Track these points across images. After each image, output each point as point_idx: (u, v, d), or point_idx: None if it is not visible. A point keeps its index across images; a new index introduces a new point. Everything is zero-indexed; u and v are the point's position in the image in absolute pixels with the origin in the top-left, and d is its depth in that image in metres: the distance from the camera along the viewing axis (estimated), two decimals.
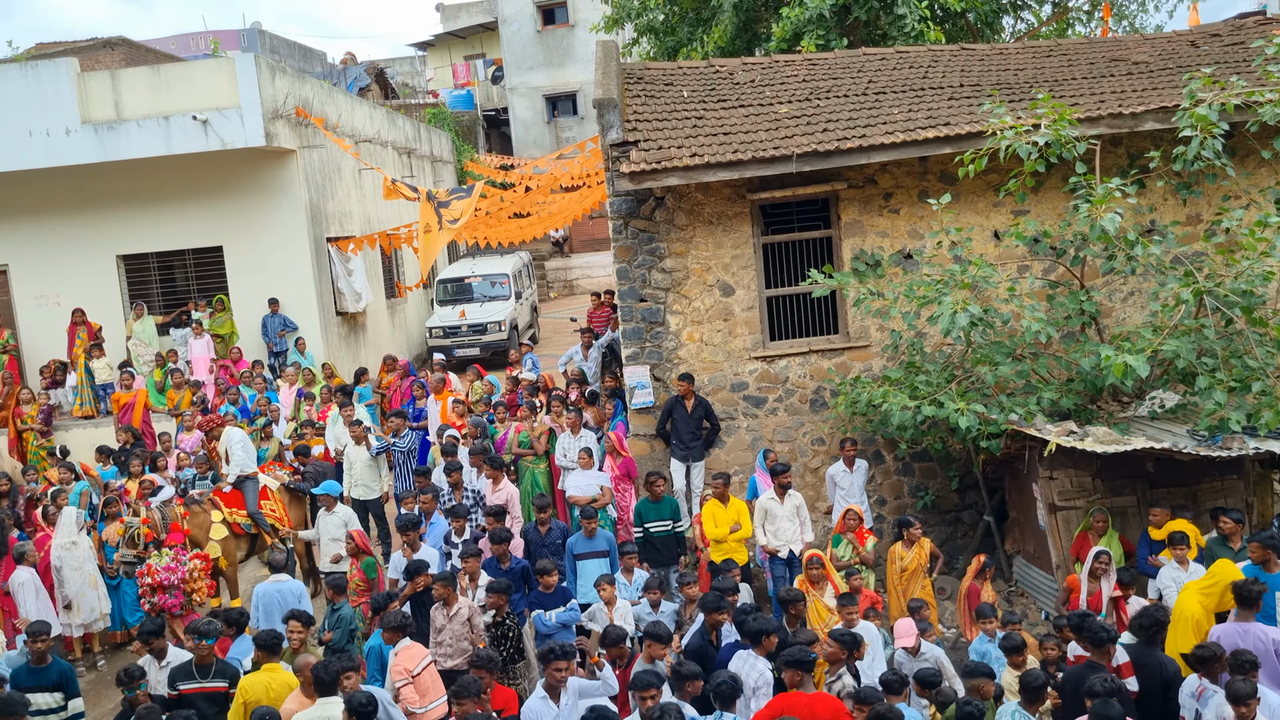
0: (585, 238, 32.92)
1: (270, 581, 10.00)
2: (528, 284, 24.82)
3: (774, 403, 12.38)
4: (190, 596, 10.64)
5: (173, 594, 10.53)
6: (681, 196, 12.09)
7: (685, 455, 12.19)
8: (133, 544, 11.08)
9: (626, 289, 12.28)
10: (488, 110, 37.96)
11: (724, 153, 11.49)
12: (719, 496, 10.77)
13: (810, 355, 12.33)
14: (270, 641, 8.11)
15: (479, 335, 21.47)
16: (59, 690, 8.44)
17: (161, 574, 10.51)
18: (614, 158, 11.88)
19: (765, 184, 11.93)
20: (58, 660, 8.65)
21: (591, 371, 15.35)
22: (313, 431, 14.11)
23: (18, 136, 15.80)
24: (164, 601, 10.52)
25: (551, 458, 12.74)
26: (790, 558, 10.68)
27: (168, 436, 14.30)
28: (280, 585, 9.90)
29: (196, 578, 10.75)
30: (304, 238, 17.42)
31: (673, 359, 12.34)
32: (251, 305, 17.30)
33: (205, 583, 10.96)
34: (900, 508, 12.30)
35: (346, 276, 18.61)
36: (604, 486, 11.69)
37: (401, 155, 23.95)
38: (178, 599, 10.54)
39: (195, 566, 10.74)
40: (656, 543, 10.92)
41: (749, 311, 12.27)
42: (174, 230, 17.36)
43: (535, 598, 9.48)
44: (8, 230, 17.19)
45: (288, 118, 16.90)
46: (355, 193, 20.37)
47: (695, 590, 9.37)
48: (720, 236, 12.17)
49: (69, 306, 16.78)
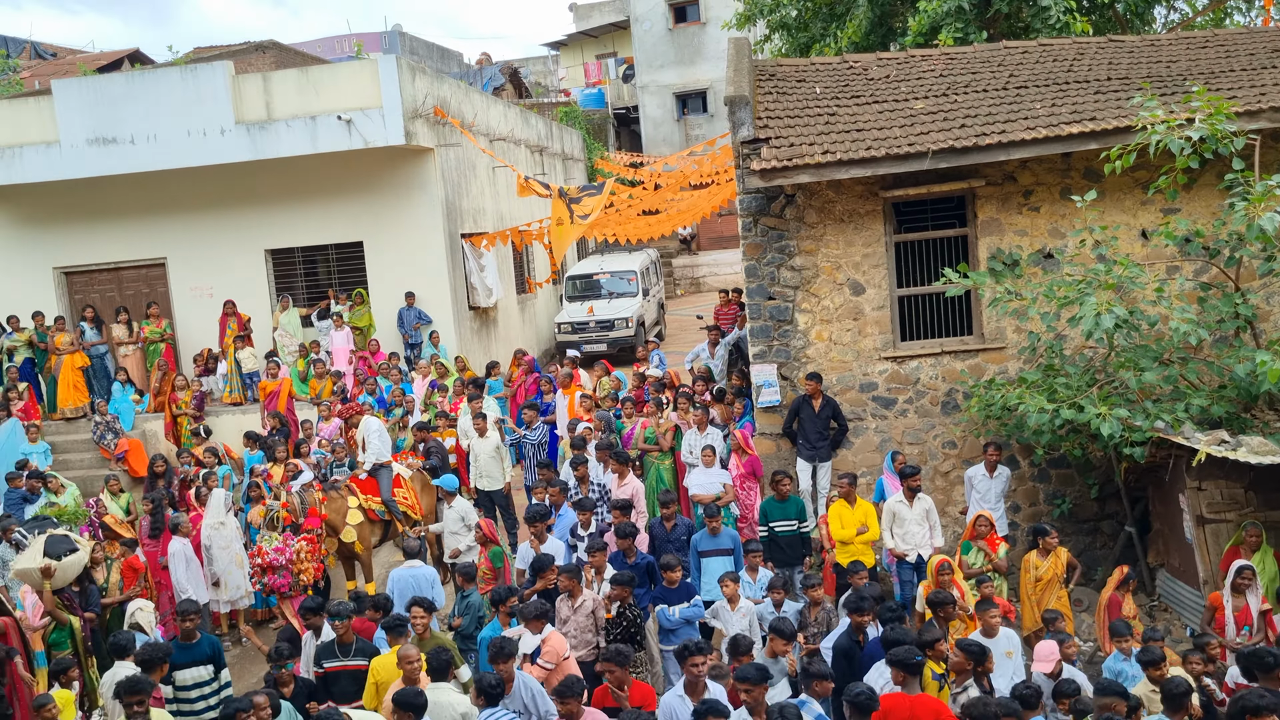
0: (713, 235, 32.89)
1: (405, 567, 10.31)
2: (655, 281, 24.94)
3: (904, 404, 12.15)
4: (298, 577, 10.94)
5: (281, 574, 10.83)
6: (812, 194, 11.97)
7: (812, 455, 12.07)
8: (272, 526, 11.53)
9: (755, 287, 12.22)
10: (618, 108, 38.30)
11: (857, 149, 11.32)
12: (845, 497, 10.63)
13: (943, 356, 12.05)
14: (395, 624, 8.39)
15: (606, 331, 21.67)
16: (211, 664, 8.77)
17: (270, 555, 10.83)
18: (745, 155, 11.84)
19: (899, 181, 11.71)
20: (206, 635, 9.02)
21: (718, 369, 15.34)
22: (445, 423, 14.48)
23: (177, 136, 16.67)
24: (273, 581, 10.84)
25: (677, 454, 12.78)
26: (918, 562, 10.47)
27: (309, 424, 14.91)
28: (414, 571, 10.20)
29: (303, 559, 11.03)
30: (440, 234, 17.89)
31: (800, 358, 12.23)
32: (389, 299, 17.86)
33: (312, 564, 11.24)
34: (1035, 515, 11.92)
35: (479, 272, 19.03)
36: (726, 485, 11.66)
37: (534, 153, 24.36)
38: (286, 579, 10.85)
39: (302, 548, 11.04)
40: (781, 542, 10.84)
41: (880, 311, 12.07)
42: (318, 226, 18.05)
43: (659, 593, 9.53)
44: (167, 225, 18.15)
45: (426, 117, 17.38)
46: (489, 190, 20.82)
47: (820, 592, 9.28)
48: (851, 234, 12.00)
49: (221, 298, 17.62)
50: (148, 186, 17.63)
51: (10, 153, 17.04)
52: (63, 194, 17.85)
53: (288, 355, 17.00)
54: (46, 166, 17.04)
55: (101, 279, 18.68)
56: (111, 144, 16.76)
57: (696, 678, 7.36)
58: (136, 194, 17.80)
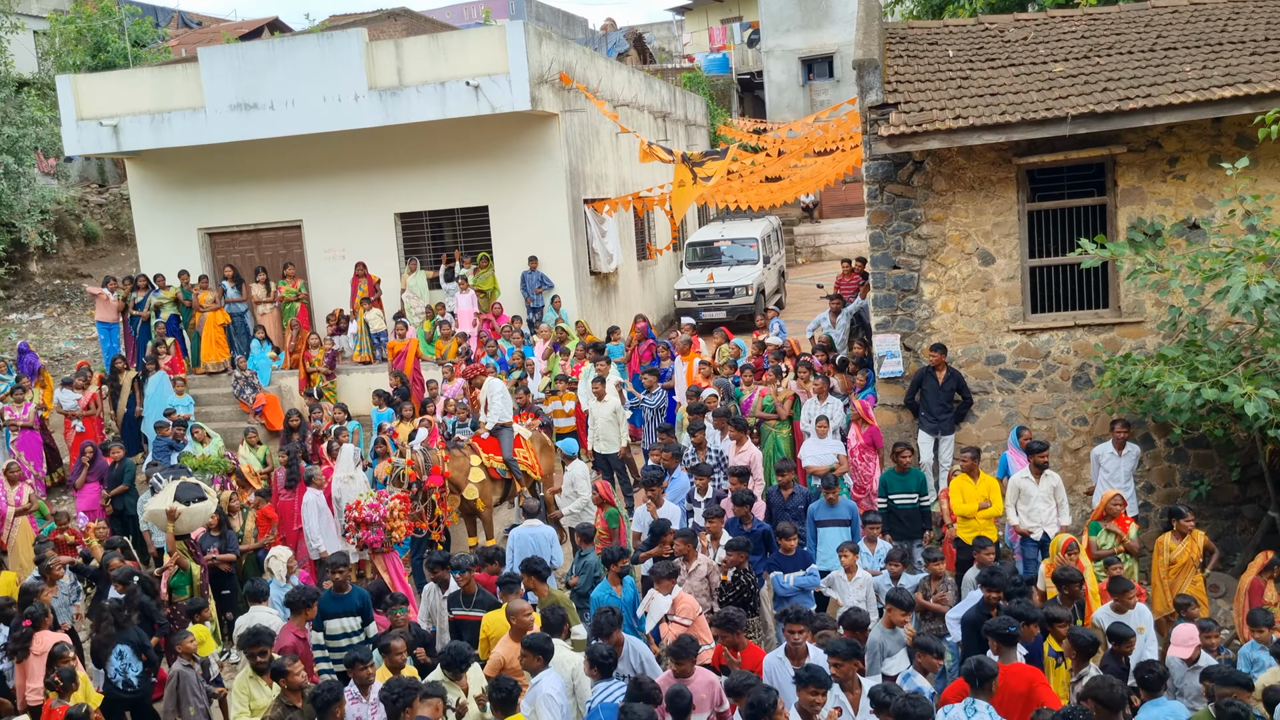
0: (836, 203, 32.34)
1: (524, 526, 10.53)
2: (776, 249, 24.70)
3: (1033, 378, 11.80)
4: (390, 534, 11.14)
5: (374, 530, 11.05)
6: (942, 161, 11.65)
7: (934, 428, 11.84)
8: (398, 483, 11.87)
9: (879, 255, 11.99)
10: (742, 74, 37.88)
11: (991, 114, 10.96)
12: (969, 471, 10.41)
13: (1075, 329, 11.64)
14: (508, 581, 8.59)
15: (726, 299, 21.58)
16: (359, 615, 9.03)
17: (365, 511, 11.07)
18: (872, 120, 11.59)
19: (1034, 148, 11.30)
20: (357, 588, 9.29)
21: (839, 338, 15.15)
22: (565, 386, 14.68)
23: (313, 102, 17.19)
24: (366, 537, 11.03)
25: (795, 423, 12.70)
26: (1043, 540, 10.19)
27: (434, 384, 15.31)
28: (534, 530, 10.40)
29: (396, 516, 11.19)
30: (563, 199, 18.07)
31: (925, 328, 11.98)
32: (512, 263, 18.15)
33: (405, 522, 11.41)
34: (1170, 496, 11.46)
35: (601, 237, 19.16)
36: (840, 455, 11.54)
37: (657, 119, 24.32)
38: (379, 535, 11.06)
39: (394, 506, 11.23)
40: (900, 515, 10.68)
41: (1009, 282, 11.71)
42: (445, 190, 18.43)
43: (775, 560, 9.52)
44: (302, 189, 18.78)
45: (552, 83, 17.51)
46: (612, 156, 20.90)
47: (941, 566, 9.13)
48: (982, 202, 11.65)
49: (353, 260, 18.18)
50: (286, 151, 18.26)
51: (159, 118, 17.85)
52: (207, 158, 18.62)
53: (415, 317, 17.45)
54: (192, 131, 17.79)
55: (242, 240, 19.47)
56: (253, 109, 17.40)
57: (795, 644, 7.45)
58: (275, 158, 18.46)
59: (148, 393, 15.89)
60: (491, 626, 8.43)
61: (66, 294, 23.85)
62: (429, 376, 15.98)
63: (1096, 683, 6.44)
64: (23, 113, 22.54)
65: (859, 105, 12.04)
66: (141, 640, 9.35)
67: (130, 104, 18.06)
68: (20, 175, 21.61)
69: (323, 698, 6.85)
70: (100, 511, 12.83)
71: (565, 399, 14.48)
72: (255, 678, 8.05)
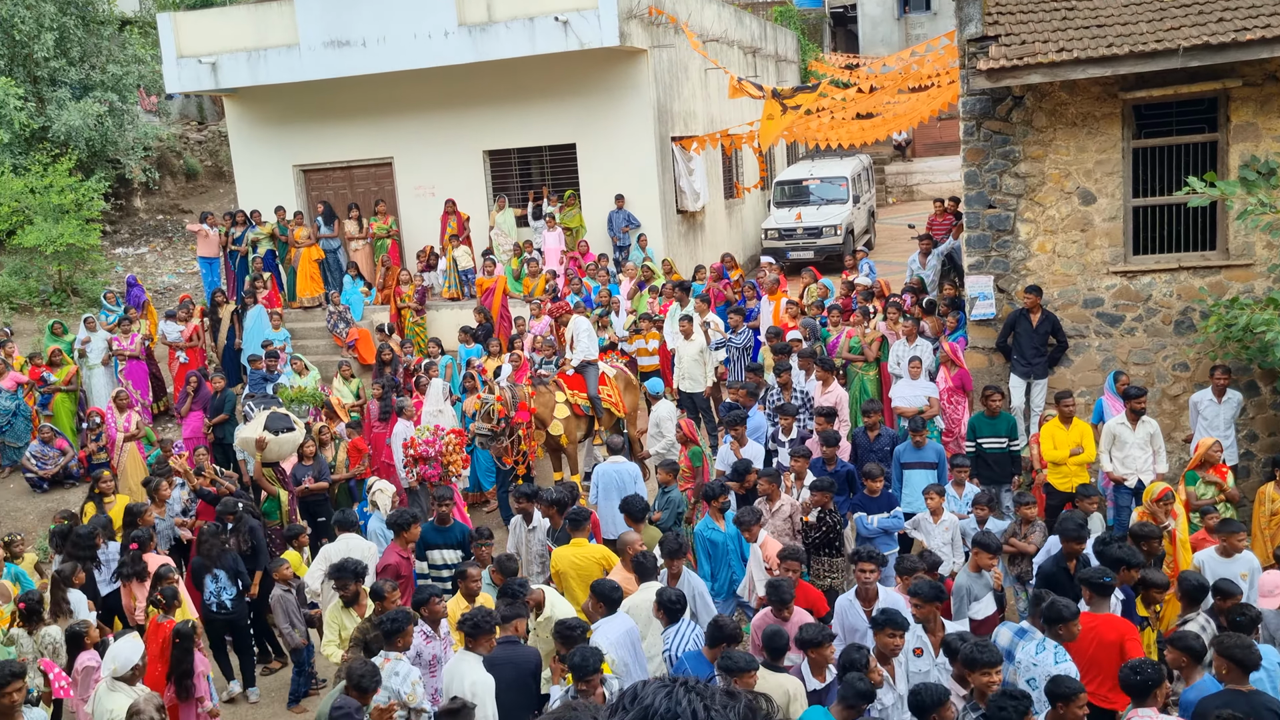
0: (929, 141, 31.51)
1: (609, 462, 10.65)
2: (866, 188, 24.22)
3: (1132, 321, 11.44)
4: (447, 468, 11.33)
5: (431, 465, 11.25)
6: (1043, 96, 11.25)
7: (1026, 371, 11.59)
8: (488, 418, 12.06)
9: (974, 194, 11.69)
10: (835, 7, 36.89)
11: (1097, 47, 10.52)
12: (1062, 417, 10.19)
13: (1180, 272, 11.23)
14: (577, 517, 8.71)
15: (814, 239, 21.29)
16: (460, 548, 9.32)
17: (421, 447, 11.25)
18: (971, 54, 11.22)
19: (1142, 81, 10.84)
20: (459, 523, 9.55)
21: (930, 279, 14.87)
22: (649, 325, 14.71)
23: (403, 39, 17.28)
24: (424, 472, 11.24)
25: (883, 365, 12.55)
26: (1138, 487, 9.96)
27: (522, 320, 15.47)
28: (618, 466, 10.53)
29: (452, 451, 11.36)
30: (650, 136, 17.94)
31: (1020, 270, 11.67)
32: (599, 201, 18.13)
33: (460, 456, 11.56)
34: (1274, 445, 11.07)
35: (688, 175, 19.01)
36: (931, 398, 11.39)
37: (747, 55, 23.91)
38: (436, 469, 11.25)
39: (450, 441, 11.40)
40: (989, 459, 10.54)
41: (1111, 222, 11.33)
42: (533, 127, 18.43)
43: (859, 501, 9.50)
44: (393, 126, 18.96)
45: (640, 18, 17.30)
46: (700, 92, 20.64)
47: (1033, 511, 9.00)
48: (1084, 139, 11.24)
49: (442, 197, 18.35)
50: (377, 88, 18.43)
51: (256, 55, 18.14)
52: (301, 95, 18.89)
53: (502, 254, 17.60)
54: (287, 68, 18.05)
55: (335, 177, 19.79)
56: (345, 46, 17.56)
57: (865, 584, 7.45)
58: (367, 95, 18.65)
59: (246, 326, 16.38)
60: (560, 561, 8.57)
61: (169, 229, 24.58)
62: (516, 313, 16.15)
63: (1232, 641, 6.14)
64: (125, 51, 23.12)
65: (957, 38, 11.66)
66: (236, 566, 9.76)
67: (228, 41, 18.37)
68: (124, 113, 22.23)
69: (387, 626, 7.08)
70: (203, 439, 13.34)
71: (649, 338, 14.51)
72: (346, 609, 8.31)
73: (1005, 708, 5.52)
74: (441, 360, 14.09)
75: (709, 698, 1.55)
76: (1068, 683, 5.85)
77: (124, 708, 6.94)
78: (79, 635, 8.36)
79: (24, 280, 18.88)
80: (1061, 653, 6.47)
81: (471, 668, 6.83)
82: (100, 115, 20.77)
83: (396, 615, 7.21)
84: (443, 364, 14.08)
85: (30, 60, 20.72)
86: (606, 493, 10.37)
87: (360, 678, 6.56)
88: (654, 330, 14.57)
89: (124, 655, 7.29)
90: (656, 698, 1.55)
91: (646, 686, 1.58)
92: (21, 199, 18.13)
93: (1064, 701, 5.75)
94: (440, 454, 11.19)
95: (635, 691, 1.57)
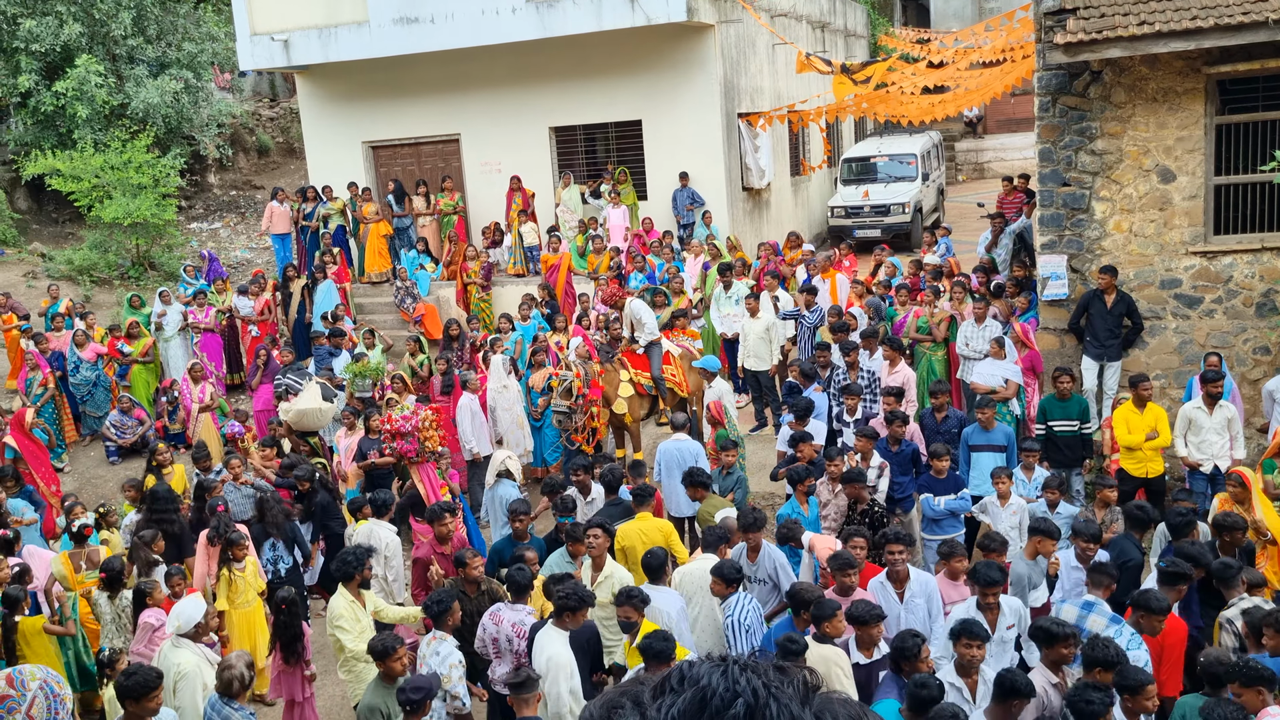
0: (1002, 117, 30.88)
1: (672, 440, 10.67)
2: (936, 165, 23.81)
3: (1211, 303, 11.14)
4: (424, 444, 11.26)
5: (408, 440, 11.19)
6: (1122, 70, 10.95)
7: (1099, 354, 11.35)
8: (568, 395, 12.02)
9: (1048, 172, 11.44)
10: None
11: (1180, 19, 10.20)
12: (1138, 400, 9.96)
13: (1263, 253, 10.90)
14: (642, 493, 8.74)
15: (881, 217, 21.00)
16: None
17: (398, 422, 11.17)
18: (1047, 27, 10.95)
19: (1227, 55, 10.49)
20: (535, 538, 9.26)
21: (1001, 259, 14.61)
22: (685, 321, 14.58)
23: (471, 15, 17.35)
24: (400, 447, 11.19)
25: (951, 345, 12.37)
26: (1214, 473, 9.72)
27: (586, 297, 15.51)
28: (680, 444, 10.53)
29: (427, 427, 11.28)
30: (717, 113, 17.81)
31: (1094, 249, 11.41)
32: (665, 178, 18.07)
33: (437, 433, 11.48)
34: None
35: (754, 152, 18.86)
36: (1009, 379, 11.19)
37: (815, 29, 23.59)
38: (413, 445, 11.20)
39: (426, 417, 11.34)
40: (1060, 443, 10.35)
41: (1191, 201, 11.01)
42: (599, 104, 18.41)
43: (925, 481, 9.40)
44: (461, 102, 19.07)
45: None
46: (767, 68, 20.43)
47: (1112, 494, 8.82)
48: (1164, 115, 10.93)
49: (508, 173, 18.42)
50: (445, 65, 18.53)
51: (326, 33, 18.35)
52: (371, 72, 19.08)
53: (568, 230, 17.64)
54: (357, 45, 18.24)
55: (403, 153, 19.98)
56: (414, 23, 17.69)
57: (894, 564, 7.42)
58: (435, 72, 18.77)
59: (316, 300, 16.65)
60: (626, 538, 8.61)
61: (242, 204, 25.06)
62: (580, 290, 16.19)
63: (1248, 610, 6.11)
64: (200, 29, 23.54)
65: (1033, 11, 11.39)
66: (295, 535, 9.97)
67: (299, 18, 18.61)
68: (199, 90, 22.65)
69: (434, 608, 7.20)
70: (273, 411, 13.61)
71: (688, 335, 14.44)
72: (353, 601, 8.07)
73: (1092, 700, 5.41)
74: (511, 335, 14.19)
75: (765, 674, 1.52)
76: (1137, 674, 5.75)
77: (189, 664, 7.14)
78: (143, 593, 8.62)
79: (104, 254, 19.40)
80: (1136, 639, 6.36)
81: (551, 641, 6.84)
82: (176, 92, 21.19)
83: (442, 596, 7.27)
84: (512, 339, 14.18)
85: (109, 39, 21.18)
86: (669, 470, 10.39)
87: (382, 645, 6.67)
88: (690, 329, 14.49)
89: (187, 613, 7.46)
90: (712, 677, 1.51)
91: (697, 667, 1.54)
92: (101, 175, 18.60)
93: (1131, 693, 5.66)
94: (416, 429, 11.17)
95: (683, 672, 1.53)
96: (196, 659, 7.23)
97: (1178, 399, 10.95)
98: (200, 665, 7.22)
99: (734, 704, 1.47)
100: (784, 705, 1.48)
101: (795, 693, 1.50)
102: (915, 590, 7.40)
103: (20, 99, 20.37)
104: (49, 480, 12.76)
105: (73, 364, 14.61)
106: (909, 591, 7.39)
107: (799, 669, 1.55)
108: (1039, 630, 6.24)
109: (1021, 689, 5.64)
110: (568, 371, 12.12)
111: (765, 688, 1.49)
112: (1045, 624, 6.20)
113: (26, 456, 12.46)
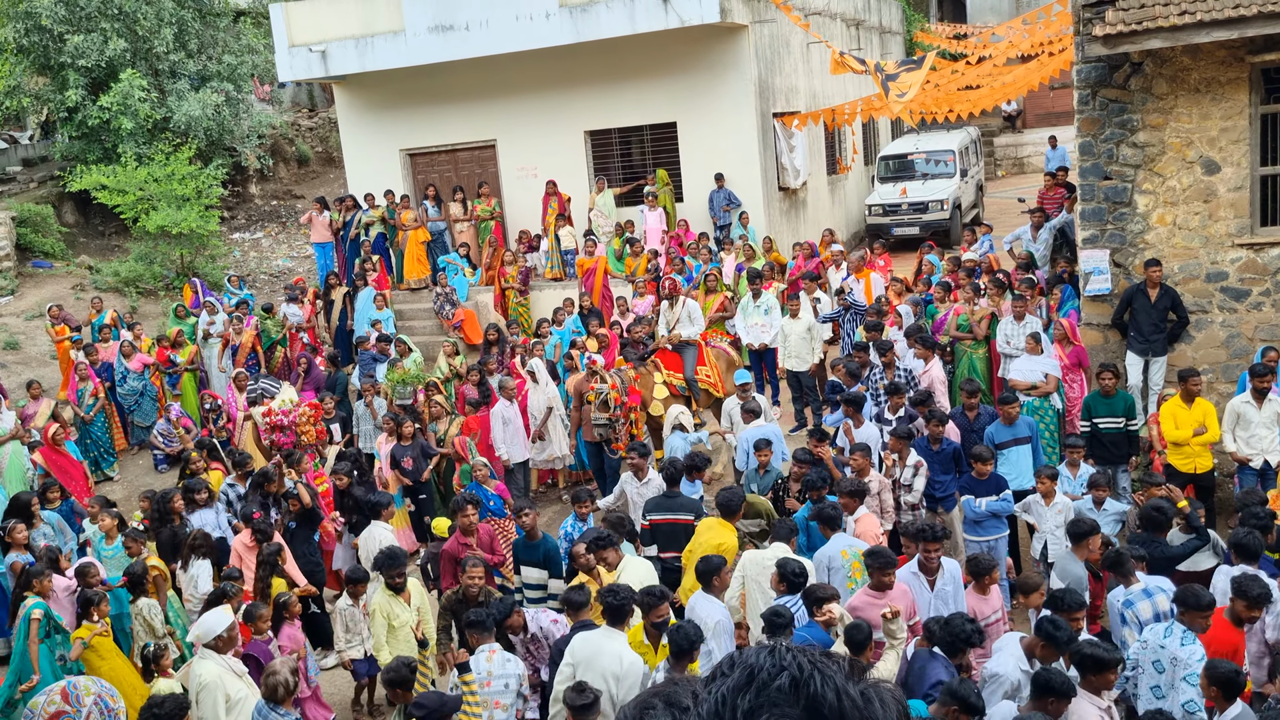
0: (1041, 111, 30.53)
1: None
2: (974, 161, 23.59)
3: (1259, 296, 10.94)
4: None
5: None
6: (1164, 61, 10.79)
7: (1144, 349, 11.18)
8: (605, 407, 11.96)
9: (1089, 165, 11.30)
10: None
11: (1222, 8, 10.04)
12: (1187, 395, 9.80)
13: None
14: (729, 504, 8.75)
15: (919, 214, 20.83)
16: (544, 568, 8.99)
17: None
18: (1087, 19, 10.82)
19: (1271, 44, 10.31)
20: (547, 537, 9.20)
21: (1040, 254, 14.45)
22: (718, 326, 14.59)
23: (505, 21, 17.44)
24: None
25: (992, 343, 12.24)
26: (1264, 469, 9.55)
27: (623, 300, 15.53)
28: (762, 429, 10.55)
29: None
30: (752, 113, 17.77)
31: (1137, 243, 11.25)
32: (701, 179, 18.05)
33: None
34: None
35: (789, 152, 18.79)
36: (1049, 374, 11.05)
37: (850, 27, 23.47)
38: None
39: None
40: (1105, 439, 10.21)
41: (1236, 192, 10.83)
42: (634, 107, 18.43)
43: (967, 482, 9.31)
44: (496, 108, 19.18)
45: None
46: (802, 67, 20.35)
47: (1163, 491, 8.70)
48: (1208, 106, 10.76)
49: (544, 178, 18.49)
50: (480, 71, 18.65)
51: (363, 43, 18.53)
52: (407, 80, 19.23)
53: (603, 234, 17.67)
54: (394, 54, 18.40)
55: (440, 160, 20.12)
56: (449, 31, 17.81)
57: (929, 559, 7.53)
58: (470, 79, 18.90)
59: (358, 307, 16.81)
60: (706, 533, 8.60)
61: (283, 214, 25.36)
62: (618, 293, 16.21)
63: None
64: (240, 42, 23.88)
65: (1071, 3, 11.26)
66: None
67: (337, 29, 18.80)
68: (239, 101, 22.98)
69: (490, 618, 7.22)
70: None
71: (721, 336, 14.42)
72: (394, 596, 8.35)
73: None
74: (550, 340, 14.24)
75: (811, 654, 1.58)
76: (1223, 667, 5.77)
77: (209, 674, 7.16)
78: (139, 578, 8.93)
79: (149, 265, 19.72)
80: (1189, 635, 6.27)
81: (618, 645, 6.58)
82: (218, 105, 21.50)
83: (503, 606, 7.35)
84: (550, 344, 14.22)
85: (152, 54, 21.54)
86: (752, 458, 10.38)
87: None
88: (723, 330, 14.48)
89: (208, 625, 7.44)
90: (759, 656, 1.58)
91: (746, 651, 1.60)
92: (146, 187, 18.91)
93: None
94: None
95: (734, 658, 1.60)
96: (219, 670, 7.24)
97: (1225, 393, 10.77)
98: (222, 676, 7.20)
99: (779, 676, 1.54)
100: (828, 677, 1.54)
101: (840, 669, 1.56)
102: (945, 579, 7.58)
103: (67, 114, 20.77)
104: (80, 495, 12.64)
105: (120, 374, 14.86)
106: (940, 580, 7.55)
107: (844, 657, 1.61)
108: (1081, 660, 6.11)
109: (1058, 689, 5.58)
110: (603, 384, 12.05)
111: (811, 664, 1.55)
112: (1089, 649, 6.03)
113: (55, 472, 12.29)
